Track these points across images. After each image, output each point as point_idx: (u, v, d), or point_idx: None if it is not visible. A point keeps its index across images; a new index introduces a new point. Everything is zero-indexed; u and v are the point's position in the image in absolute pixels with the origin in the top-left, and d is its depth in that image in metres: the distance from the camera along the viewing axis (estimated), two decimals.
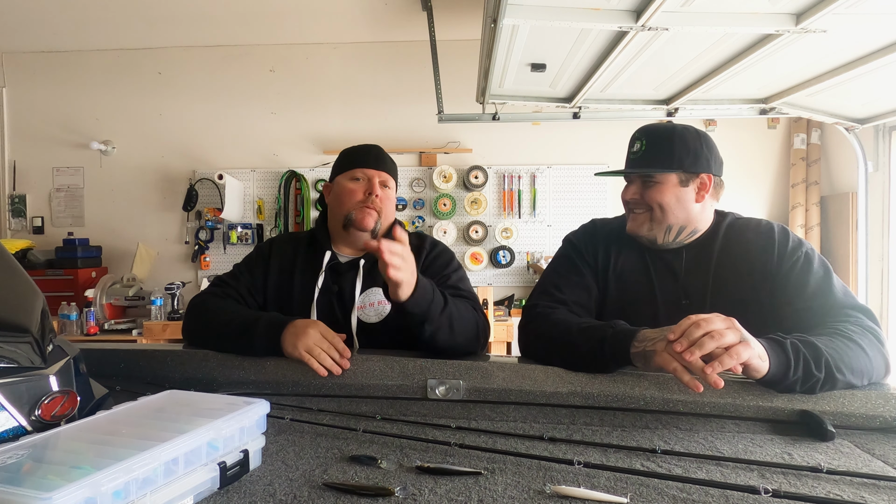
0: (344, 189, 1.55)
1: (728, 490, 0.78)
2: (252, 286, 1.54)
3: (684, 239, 1.37)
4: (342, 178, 1.57)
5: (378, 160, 1.57)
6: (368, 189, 1.53)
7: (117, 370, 1.33)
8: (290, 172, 4.33)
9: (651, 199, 1.34)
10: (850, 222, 3.75)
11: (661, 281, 1.37)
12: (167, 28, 4.07)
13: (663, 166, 1.32)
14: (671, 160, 1.32)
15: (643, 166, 1.34)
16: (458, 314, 1.33)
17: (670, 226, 1.35)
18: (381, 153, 1.59)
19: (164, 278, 4.23)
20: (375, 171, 1.55)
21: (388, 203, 1.56)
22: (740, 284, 1.31)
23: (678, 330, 0.97)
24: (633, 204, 1.38)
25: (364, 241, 1.32)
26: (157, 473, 0.69)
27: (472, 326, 1.37)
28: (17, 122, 4.49)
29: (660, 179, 1.33)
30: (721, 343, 0.93)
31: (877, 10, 1.75)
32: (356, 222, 1.51)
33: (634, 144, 1.37)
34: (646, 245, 1.41)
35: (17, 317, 0.90)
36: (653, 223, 1.36)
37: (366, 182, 1.54)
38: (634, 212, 1.38)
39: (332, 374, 1.23)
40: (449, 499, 0.77)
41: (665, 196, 1.33)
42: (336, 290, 1.50)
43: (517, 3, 1.77)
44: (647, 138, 1.35)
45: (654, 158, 1.33)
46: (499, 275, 4.29)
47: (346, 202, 1.53)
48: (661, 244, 1.38)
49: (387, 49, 4.32)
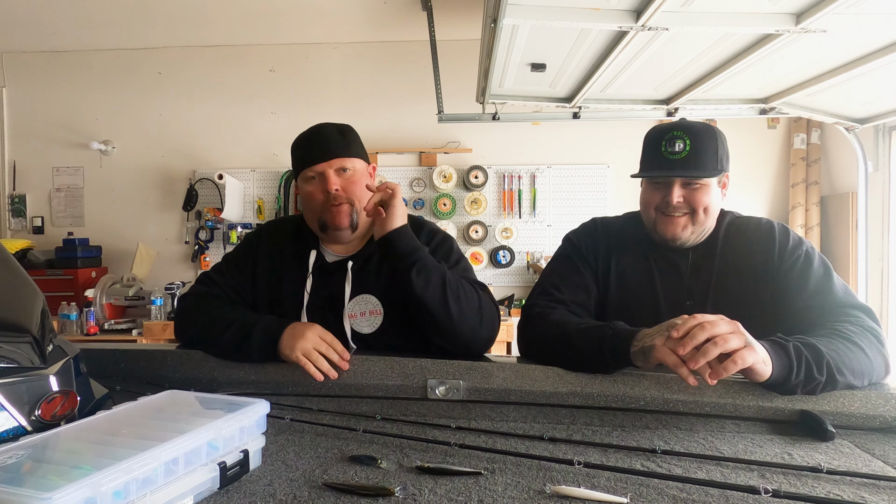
0: (304, 194, 1.44)
1: (728, 490, 0.78)
2: (240, 284, 1.47)
3: (699, 240, 1.36)
4: (300, 182, 1.45)
5: (322, 149, 1.40)
6: (325, 187, 1.39)
7: (117, 370, 1.33)
8: (290, 172, 4.32)
9: (697, 203, 1.29)
10: (850, 222, 3.75)
11: (665, 281, 1.36)
12: (167, 28, 4.07)
13: (712, 168, 1.29)
14: (716, 162, 1.29)
15: (691, 168, 1.28)
16: (456, 282, 1.29)
17: (705, 228, 1.34)
18: (324, 140, 1.41)
19: (164, 278, 4.23)
20: (324, 163, 1.39)
21: (354, 186, 1.41)
22: (741, 283, 1.31)
23: (682, 329, 0.96)
24: (675, 207, 1.30)
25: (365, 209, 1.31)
26: (157, 473, 0.69)
27: (474, 301, 1.31)
28: (17, 122, 4.49)
29: (705, 182, 1.29)
30: (725, 348, 0.93)
31: (877, 10, 1.75)
32: (330, 224, 1.41)
33: (676, 143, 1.28)
34: (654, 246, 1.39)
35: (17, 317, 0.90)
36: (695, 226, 1.32)
37: (320, 180, 1.40)
38: (673, 215, 1.31)
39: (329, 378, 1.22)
40: (449, 499, 0.77)
41: (710, 198, 1.30)
42: (326, 293, 1.42)
43: (517, 3, 1.77)
44: (690, 138, 1.27)
45: (701, 160, 1.28)
46: (499, 275, 4.29)
47: (312, 207, 1.42)
48: (684, 245, 1.35)
49: (387, 49, 4.32)
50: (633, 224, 1.45)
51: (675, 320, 1.02)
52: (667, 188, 1.31)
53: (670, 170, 1.29)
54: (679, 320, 1.01)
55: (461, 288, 1.30)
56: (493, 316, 1.35)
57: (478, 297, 1.32)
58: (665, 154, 1.29)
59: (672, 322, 1.02)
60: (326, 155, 1.40)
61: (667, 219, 1.32)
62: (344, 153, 1.41)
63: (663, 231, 1.33)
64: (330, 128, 1.44)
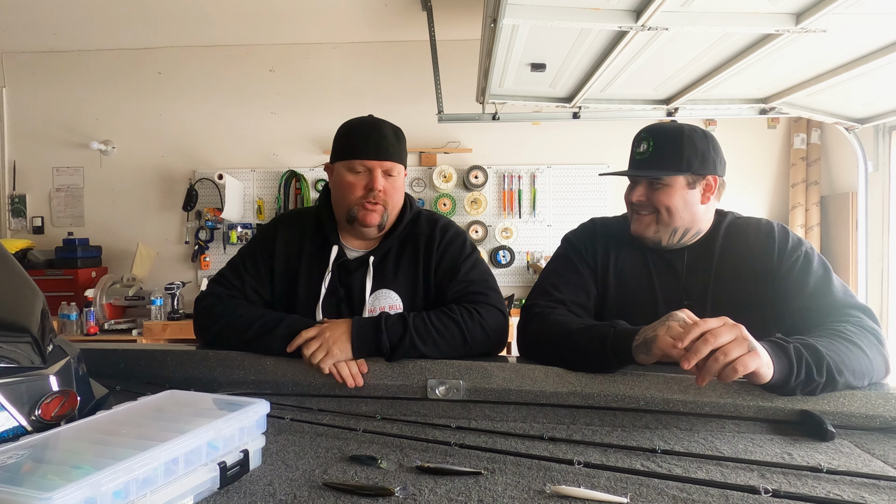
0: (343, 181, 1.42)
1: (728, 490, 0.78)
2: (259, 282, 1.47)
3: (689, 240, 1.37)
4: (341, 167, 1.43)
5: (379, 149, 1.40)
6: (370, 184, 1.39)
7: (117, 370, 1.33)
8: (290, 172, 4.33)
9: (658, 202, 1.31)
10: (850, 222, 3.75)
11: (662, 280, 1.37)
12: (167, 28, 4.07)
13: (672, 169, 1.30)
14: (680, 162, 1.29)
15: (651, 168, 1.31)
16: (429, 333, 1.27)
17: (676, 228, 1.34)
18: (383, 139, 1.41)
19: (164, 278, 4.23)
20: (377, 161, 1.40)
21: (393, 193, 1.43)
22: (741, 284, 1.31)
23: (686, 339, 0.95)
24: (638, 206, 1.35)
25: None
26: (157, 473, 0.69)
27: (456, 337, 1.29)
28: (17, 122, 4.49)
29: (668, 182, 1.31)
30: (728, 360, 0.92)
31: (877, 10, 1.75)
32: (360, 221, 1.42)
33: (641, 144, 1.33)
34: (648, 245, 1.40)
35: (17, 317, 0.90)
36: (659, 225, 1.34)
37: (366, 175, 1.40)
38: (640, 213, 1.35)
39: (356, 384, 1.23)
40: (449, 499, 0.77)
41: (673, 199, 1.31)
42: (343, 292, 1.43)
43: (517, 3, 1.77)
44: (654, 139, 1.31)
45: (662, 160, 1.30)
46: (499, 275, 4.29)
47: (346, 197, 1.42)
48: (664, 245, 1.37)
49: (387, 49, 4.32)
50: None
51: (678, 313, 1.02)
52: (634, 187, 1.36)
53: (632, 169, 1.35)
54: (682, 313, 1.01)
55: (436, 332, 1.27)
56: (483, 335, 1.32)
57: (459, 330, 1.29)
58: (633, 155, 1.36)
59: (674, 314, 1.02)
60: (381, 154, 1.40)
61: (636, 217, 1.37)
62: (396, 158, 1.43)
63: (633, 229, 1.38)
64: (387, 127, 1.44)
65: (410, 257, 1.47)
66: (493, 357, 1.31)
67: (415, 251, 1.47)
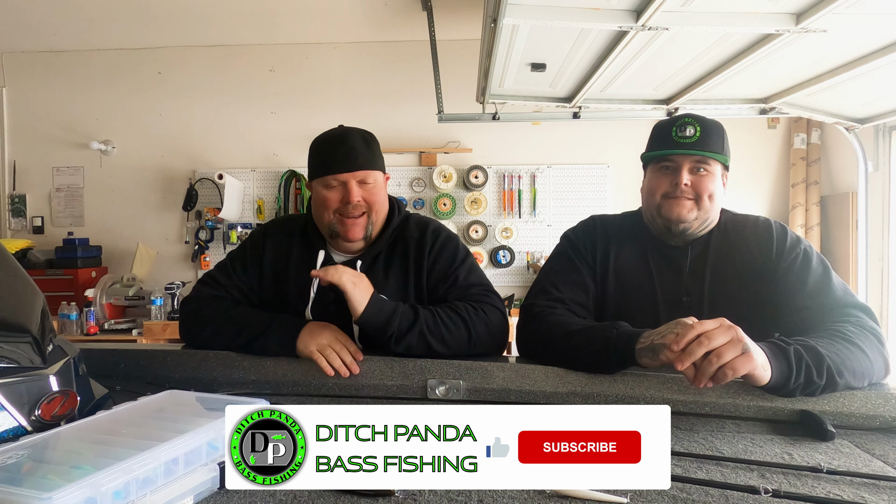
0: (320, 198, 1.40)
1: (728, 490, 0.78)
2: (246, 283, 1.46)
3: (700, 233, 1.36)
4: (317, 185, 1.41)
5: (349, 160, 1.37)
6: (345, 197, 1.37)
7: (117, 370, 1.33)
8: (290, 172, 4.33)
9: (703, 188, 1.31)
10: (850, 222, 3.75)
11: (662, 278, 1.36)
12: (167, 28, 4.07)
13: (718, 152, 1.32)
14: (723, 148, 1.33)
15: (704, 149, 1.31)
16: (437, 324, 1.27)
17: (709, 218, 1.34)
18: (352, 150, 1.38)
19: (164, 278, 4.23)
20: (349, 173, 1.37)
21: (373, 199, 1.40)
22: (739, 282, 1.31)
23: (682, 342, 0.95)
24: (684, 191, 1.31)
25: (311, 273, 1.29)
26: (157, 473, 0.69)
27: (462, 334, 1.29)
28: (17, 122, 4.49)
29: (712, 169, 1.32)
30: (721, 362, 0.92)
31: (877, 10, 1.75)
32: (343, 236, 1.40)
33: (687, 129, 1.31)
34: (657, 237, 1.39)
35: (17, 317, 0.90)
36: (699, 212, 1.32)
37: (341, 189, 1.38)
38: (683, 198, 1.32)
39: (337, 375, 1.22)
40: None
41: (715, 185, 1.32)
42: (332, 296, 1.37)
43: (517, 3, 1.77)
44: (700, 124, 1.31)
45: (710, 144, 1.31)
46: (499, 275, 4.29)
47: (324, 213, 1.40)
48: (690, 234, 1.35)
49: (387, 49, 4.32)
50: (632, 221, 1.45)
51: (685, 320, 1.01)
52: (675, 173, 1.32)
53: (681, 149, 1.31)
54: (689, 320, 1.00)
55: (444, 327, 1.28)
56: (487, 334, 1.33)
57: (466, 327, 1.30)
58: (676, 138, 1.32)
59: (681, 321, 1.01)
60: (352, 165, 1.38)
61: (673, 201, 1.32)
62: (368, 165, 1.40)
63: (668, 213, 1.33)
64: (355, 136, 1.41)
65: (400, 260, 1.45)
66: (493, 357, 1.31)
67: (405, 254, 1.45)
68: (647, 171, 1.41)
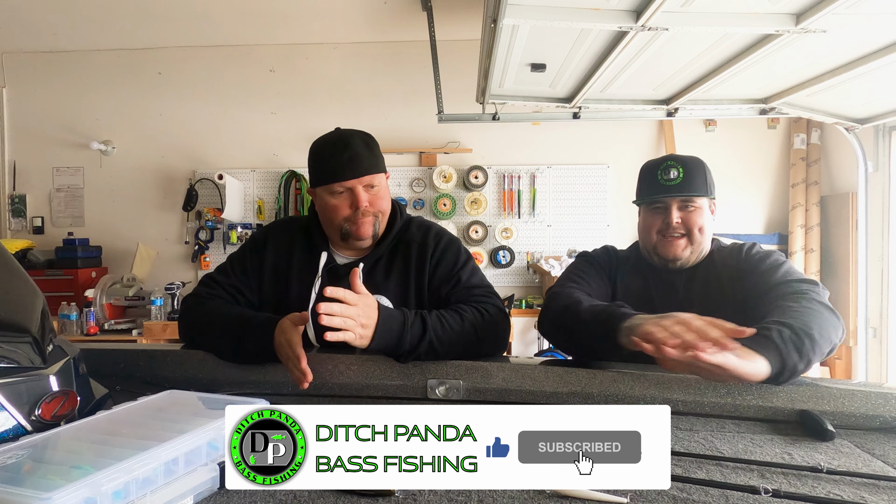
0: (327, 205, 1.40)
1: (728, 490, 0.78)
2: (245, 284, 1.46)
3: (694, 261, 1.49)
4: (322, 192, 1.41)
5: (354, 166, 1.37)
6: (354, 203, 1.38)
7: (117, 370, 1.33)
8: (290, 172, 4.33)
9: (692, 224, 1.45)
10: (850, 222, 3.75)
11: (662, 301, 1.47)
12: (167, 28, 4.07)
13: (703, 192, 1.46)
14: (706, 187, 1.47)
15: (687, 190, 1.45)
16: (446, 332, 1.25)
17: (702, 249, 1.48)
18: (356, 155, 1.37)
19: (164, 278, 4.23)
20: (355, 179, 1.37)
21: (380, 201, 1.41)
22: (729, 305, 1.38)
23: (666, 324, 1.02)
24: (675, 228, 1.46)
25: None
26: (157, 473, 0.69)
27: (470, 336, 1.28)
28: (17, 122, 4.49)
29: (699, 204, 1.46)
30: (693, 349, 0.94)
31: (877, 10, 1.75)
32: (354, 235, 1.40)
33: (671, 171, 1.46)
34: (655, 268, 1.51)
35: (17, 317, 0.90)
36: (693, 245, 1.46)
37: (348, 195, 1.38)
38: (674, 236, 1.46)
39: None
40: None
41: (703, 219, 1.46)
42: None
43: (517, 3, 1.77)
44: (683, 167, 1.45)
45: (694, 185, 1.45)
46: (499, 275, 4.29)
47: (334, 219, 1.40)
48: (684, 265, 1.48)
49: (387, 49, 4.32)
50: (636, 252, 1.60)
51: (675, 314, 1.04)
52: (665, 211, 1.47)
53: (668, 193, 1.46)
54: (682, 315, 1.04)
55: (451, 331, 1.26)
56: (492, 335, 1.33)
57: (473, 330, 1.29)
58: (662, 181, 1.47)
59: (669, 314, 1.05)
60: (357, 172, 1.37)
61: (667, 241, 1.47)
62: (373, 169, 1.39)
63: (664, 253, 1.47)
64: (357, 140, 1.41)
65: (402, 263, 1.45)
66: (493, 357, 1.31)
67: (406, 257, 1.45)
68: (641, 211, 1.55)
